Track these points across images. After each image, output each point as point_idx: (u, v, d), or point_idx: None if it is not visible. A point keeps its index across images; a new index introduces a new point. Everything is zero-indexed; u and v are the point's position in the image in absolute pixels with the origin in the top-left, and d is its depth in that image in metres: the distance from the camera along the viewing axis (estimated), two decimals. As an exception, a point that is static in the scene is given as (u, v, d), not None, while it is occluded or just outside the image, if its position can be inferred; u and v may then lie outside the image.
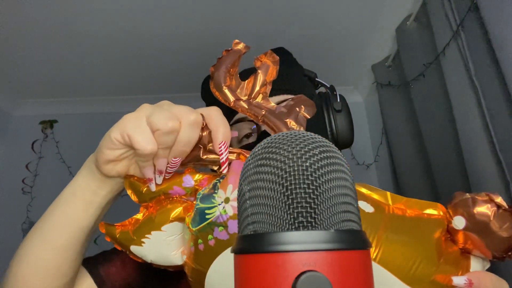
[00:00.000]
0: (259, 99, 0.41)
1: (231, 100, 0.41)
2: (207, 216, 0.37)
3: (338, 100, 0.62)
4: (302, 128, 0.39)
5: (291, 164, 0.21)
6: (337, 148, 0.24)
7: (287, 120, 0.39)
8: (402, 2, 1.35)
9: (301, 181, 0.20)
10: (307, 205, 0.20)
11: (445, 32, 1.09)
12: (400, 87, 1.45)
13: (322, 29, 1.45)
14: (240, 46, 0.41)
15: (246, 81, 0.42)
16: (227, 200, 0.37)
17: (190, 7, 1.33)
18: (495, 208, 0.31)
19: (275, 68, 0.42)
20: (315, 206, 0.20)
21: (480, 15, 0.93)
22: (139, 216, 0.42)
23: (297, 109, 0.40)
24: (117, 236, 0.41)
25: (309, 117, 0.41)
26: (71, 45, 1.49)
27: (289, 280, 0.18)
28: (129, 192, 0.42)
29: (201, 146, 0.39)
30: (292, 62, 0.69)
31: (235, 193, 0.36)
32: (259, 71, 0.41)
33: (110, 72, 1.70)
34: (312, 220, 0.20)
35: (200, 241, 0.37)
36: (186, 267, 0.39)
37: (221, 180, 0.39)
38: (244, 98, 0.41)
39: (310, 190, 0.20)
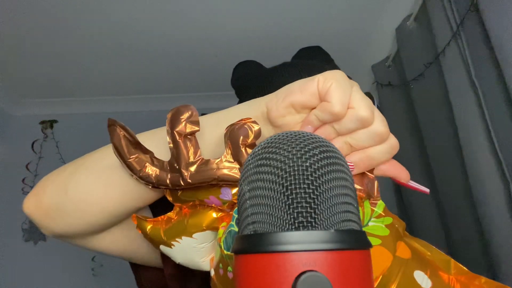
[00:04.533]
0: None
1: None
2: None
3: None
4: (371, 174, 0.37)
5: (291, 164, 0.21)
6: (337, 148, 0.24)
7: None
8: (402, 2, 1.35)
9: (301, 181, 0.20)
10: (307, 205, 0.20)
11: (445, 32, 1.09)
12: (400, 87, 1.45)
13: (321, 29, 1.45)
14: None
15: None
16: None
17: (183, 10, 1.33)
18: None
19: None
20: (315, 206, 0.20)
21: (480, 15, 0.93)
22: (172, 214, 0.40)
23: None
24: (148, 231, 0.40)
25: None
26: (71, 45, 1.49)
27: (289, 280, 0.18)
28: (168, 195, 0.40)
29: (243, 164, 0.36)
30: (330, 63, 0.67)
31: None
32: None
33: (110, 72, 1.70)
34: (312, 220, 0.20)
35: (230, 269, 0.35)
36: (212, 282, 0.38)
37: None
38: None
39: (310, 190, 0.20)
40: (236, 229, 0.35)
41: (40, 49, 1.50)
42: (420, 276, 0.31)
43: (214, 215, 0.38)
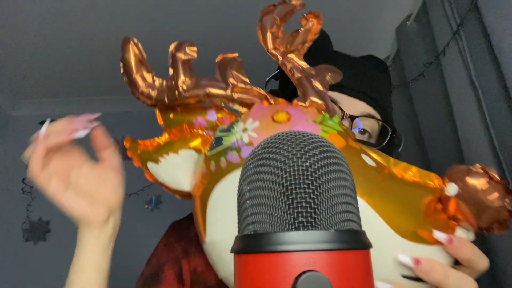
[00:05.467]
0: (293, 55, 0.44)
1: (270, 47, 0.43)
2: (223, 142, 0.40)
3: (399, 150, 0.60)
4: (324, 89, 0.42)
5: (291, 164, 0.21)
6: (337, 148, 0.24)
7: (313, 80, 0.42)
8: (402, 2, 1.35)
9: (301, 181, 0.20)
10: (307, 205, 0.20)
11: (445, 32, 1.09)
12: (400, 87, 1.45)
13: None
14: (296, 1, 0.44)
15: (288, 34, 0.44)
16: (245, 130, 0.39)
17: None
18: (487, 179, 0.32)
19: (318, 26, 0.45)
20: (315, 206, 0.20)
21: (480, 15, 0.93)
22: (161, 139, 0.45)
23: (325, 73, 0.43)
24: (138, 152, 0.44)
25: (333, 82, 0.44)
26: (71, 45, 1.48)
27: (289, 280, 0.18)
28: (158, 114, 0.45)
29: (229, 84, 0.41)
30: (388, 77, 0.67)
31: (255, 124, 0.39)
32: (302, 28, 0.44)
33: (110, 72, 1.69)
34: (312, 220, 0.20)
35: (212, 162, 0.40)
36: (193, 189, 0.42)
37: (242, 117, 0.42)
38: (282, 50, 0.43)
39: (310, 190, 0.20)
40: (219, 134, 0.41)
41: (40, 49, 1.50)
42: (366, 158, 0.38)
43: (199, 140, 0.44)
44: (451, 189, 0.33)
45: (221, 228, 0.38)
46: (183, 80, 0.41)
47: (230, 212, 0.37)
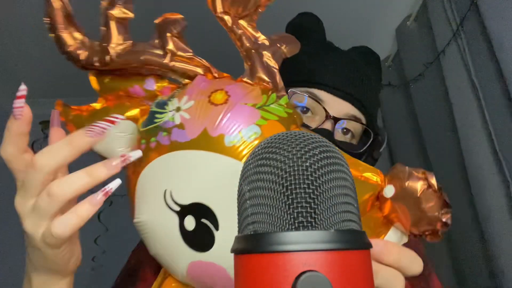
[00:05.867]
0: (244, 22, 0.39)
1: (218, 10, 0.39)
2: (155, 120, 0.38)
3: (381, 150, 0.59)
4: (275, 65, 0.38)
5: (291, 164, 0.21)
6: (337, 148, 0.24)
7: (264, 52, 0.38)
8: (402, 2, 1.35)
9: (301, 181, 0.20)
10: (307, 205, 0.20)
11: (445, 32, 1.09)
12: (400, 87, 1.45)
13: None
14: None
15: None
16: (178, 109, 0.37)
17: None
18: (426, 186, 0.32)
19: None
20: (315, 206, 0.20)
21: (480, 15, 0.93)
22: (96, 105, 0.42)
23: (279, 45, 0.39)
24: (70, 118, 0.41)
25: (288, 56, 0.40)
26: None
27: (289, 280, 0.18)
28: (92, 78, 0.42)
29: (168, 52, 0.38)
30: (379, 72, 0.65)
31: (189, 104, 0.37)
32: None
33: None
34: (312, 220, 0.20)
35: (143, 141, 0.38)
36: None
37: (180, 91, 0.39)
38: (232, 13, 0.39)
39: (310, 190, 0.20)
40: (154, 109, 0.39)
41: (40, 49, 1.50)
42: None
43: (137, 110, 0.40)
44: (388, 191, 0.33)
45: (147, 210, 0.38)
46: (116, 43, 0.37)
47: (154, 194, 0.37)
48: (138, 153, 0.34)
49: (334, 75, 0.54)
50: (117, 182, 0.33)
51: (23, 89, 0.36)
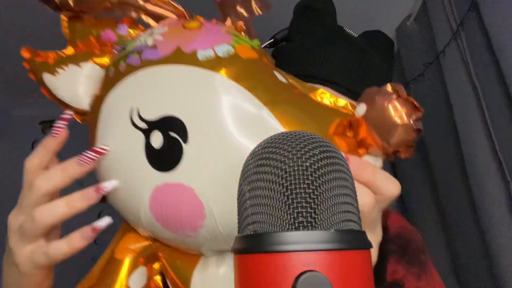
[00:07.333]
0: None
1: None
2: (127, 47, 0.37)
3: None
4: (248, 15, 0.39)
5: (291, 164, 0.21)
6: (337, 148, 0.24)
7: (238, 6, 0.39)
8: (402, 2, 1.35)
9: (301, 181, 0.20)
10: (307, 205, 0.20)
11: (445, 32, 1.09)
12: (400, 87, 1.44)
13: None
14: None
15: None
16: (151, 34, 0.36)
17: None
18: (394, 96, 0.32)
19: None
20: (315, 206, 0.20)
21: (480, 15, 0.93)
22: (64, 52, 0.41)
23: (250, 1, 0.40)
24: (36, 65, 0.40)
25: (260, 12, 0.40)
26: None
27: (289, 280, 0.18)
28: (63, 21, 0.40)
29: None
30: (390, 59, 0.60)
31: (163, 29, 0.36)
32: None
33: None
34: (312, 220, 0.20)
35: (111, 68, 0.37)
36: (90, 105, 0.39)
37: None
38: None
39: (310, 190, 0.20)
40: (126, 42, 0.37)
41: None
42: (277, 74, 0.36)
43: (107, 58, 0.39)
44: (360, 109, 0.33)
45: (111, 136, 0.36)
46: None
47: (119, 116, 0.35)
48: (112, 183, 0.34)
49: (340, 70, 0.52)
50: (106, 221, 0.34)
51: (69, 113, 0.38)
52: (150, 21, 0.40)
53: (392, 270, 0.50)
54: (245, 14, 0.39)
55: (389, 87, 0.33)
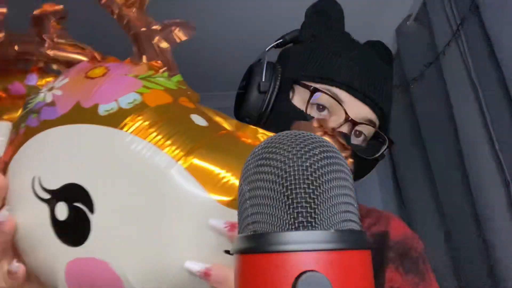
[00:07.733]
0: (133, 10, 0.36)
1: (103, 1, 0.37)
2: (28, 105, 0.34)
3: (384, 152, 0.59)
4: (167, 46, 0.36)
5: (291, 164, 0.21)
6: (337, 148, 0.24)
7: (157, 37, 0.36)
8: (402, 2, 1.35)
9: (301, 181, 0.20)
10: (307, 205, 0.20)
11: (445, 32, 1.09)
12: (400, 87, 1.45)
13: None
14: None
15: None
16: (50, 89, 0.34)
17: None
18: (321, 133, 0.31)
19: None
20: (315, 206, 0.20)
21: (480, 15, 0.93)
22: None
23: (173, 28, 0.37)
24: None
25: (182, 39, 0.37)
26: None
27: (289, 280, 0.18)
28: None
29: (46, 39, 0.36)
30: (392, 69, 0.62)
31: (63, 82, 0.34)
32: None
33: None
34: (312, 220, 0.20)
35: (13, 130, 0.34)
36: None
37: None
38: (119, 1, 0.37)
39: (310, 190, 0.20)
40: (29, 97, 0.35)
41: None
42: (196, 117, 0.33)
43: (19, 112, 0.37)
44: None
45: (16, 209, 0.32)
46: None
47: (22, 187, 0.32)
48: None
49: (356, 76, 0.53)
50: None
51: None
52: (60, 67, 0.37)
53: (390, 278, 0.50)
54: (164, 45, 0.36)
55: (314, 122, 0.31)
